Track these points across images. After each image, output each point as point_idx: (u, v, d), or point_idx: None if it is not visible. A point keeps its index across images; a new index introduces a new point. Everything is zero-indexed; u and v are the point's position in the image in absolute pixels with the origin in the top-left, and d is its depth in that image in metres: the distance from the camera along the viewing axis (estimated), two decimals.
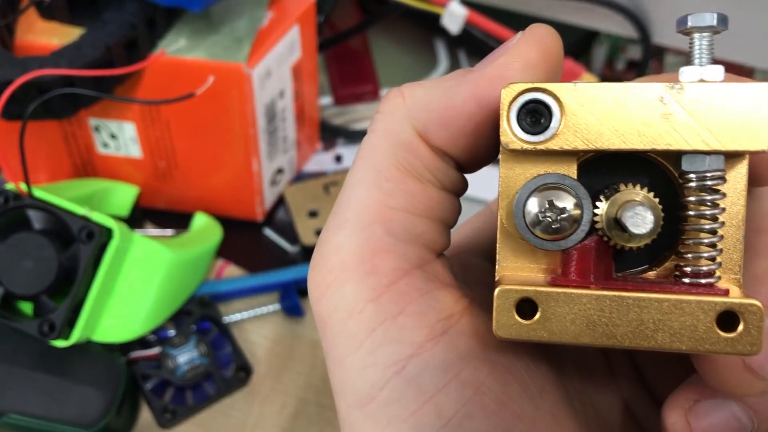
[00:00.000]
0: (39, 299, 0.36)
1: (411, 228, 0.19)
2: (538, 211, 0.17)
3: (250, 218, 0.49)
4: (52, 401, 0.36)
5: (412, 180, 0.19)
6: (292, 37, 0.44)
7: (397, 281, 0.18)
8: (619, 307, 0.16)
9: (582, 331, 0.17)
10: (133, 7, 0.40)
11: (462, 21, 0.47)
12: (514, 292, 0.17)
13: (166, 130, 0.44)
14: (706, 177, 0.17)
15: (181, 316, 0.43)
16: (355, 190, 0.19)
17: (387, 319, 0.18)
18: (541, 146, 0.17)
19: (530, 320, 0.17)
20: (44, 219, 0.36)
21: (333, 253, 0.19)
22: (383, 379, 0.18)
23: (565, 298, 0.17)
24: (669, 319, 0.16)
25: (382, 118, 0.20)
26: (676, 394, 0.19)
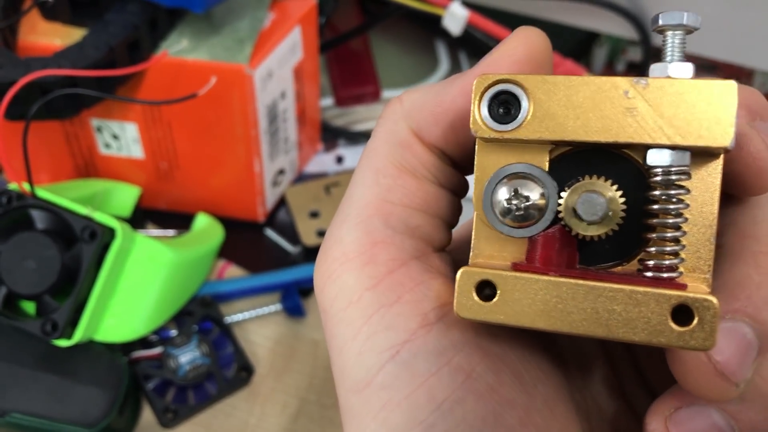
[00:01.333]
0: (42, 299, 0.36)
1: (408, 221, 0.20)
2: (505, 198, 0.18)
3: (251, 219, 0.49)
4: (54, 401, 0.36)
5: (408, 176, 0.20)
6: (294, 38, 0.45)
7: (395, 271, 0.19)
8: (575, 295, 0.17)
9: (538, 316, 0.17)
10: (135, 8, 0.40)
11: (463, 22, 0.47)
12: (475, 274, 0.17)
13: (167, 131, 0.44)
14: (670, 172, 0.17)
15: (183, 317, 0.43)
16: (356, 188, 0.21)
17: (383, 306, 0.19)
18: (508, 135, 0.18)
19: (489, 302, 0.17)
20: (47, 219, 0.36)
21: (335, 245, 0.20)
22: (378, 364, 0.19)
23: (524, 282, 0.17)
24: (624, 310, 0.16)
25: (382, 122, 0.21)
26: (658, 402, 0.19)
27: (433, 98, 0.20)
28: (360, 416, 0.19)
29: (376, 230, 0.20)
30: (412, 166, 0.20)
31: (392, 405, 0.19)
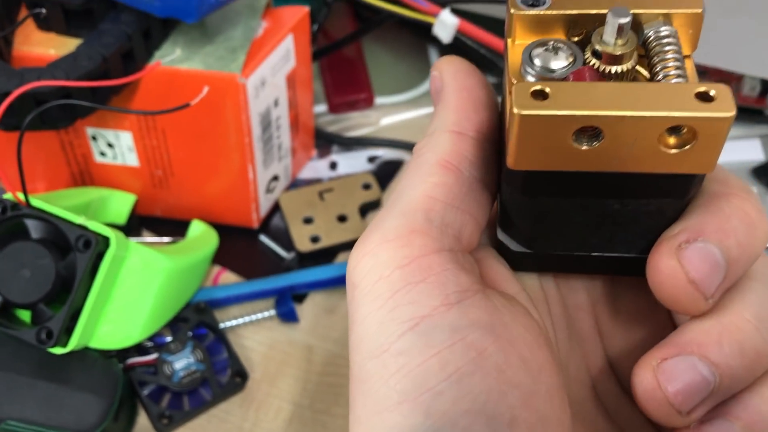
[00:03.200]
0: (37, 307, 0.36)
1: (445, 216, 0.22)
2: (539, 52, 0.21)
3: (245, 225, 0.49)
4: (50, 408, 0.37)
5: (452, 173, 0.22)
6: (287, 46, 0.45)
7: (426, 255, 0.21)
8: (610, 89, 0.19)
9: (587, 105, 0.19)
10: (129, 18, 0.40)
11: (453, 30, 0.48)
12: (528, 85, 0.19)
13: (162, 139, 0.45)
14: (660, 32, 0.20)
15: (178, 323, 0.44)
16: (406, 182, 0.23)
17: (410, 284, 0.21)
18: (540, 12, 0.21)
19: (544, 101, 0.19)
20: (42, 228, 0.37)
21: (376, 230, 0.22)
22: (398, 332, 0.20)
23: (571, 86, 0.19)
24: (656, 95, 0.19)
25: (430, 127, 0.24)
26: (645, 355, 0.21)
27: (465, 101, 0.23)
28: (373, 380, 0.21)
29: (416, 221, 0.21)
30: (457, 163, 0.22)
31: (405, 370, 0.20)
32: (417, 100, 0.57)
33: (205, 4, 0.38)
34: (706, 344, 0.20)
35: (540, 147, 0.19)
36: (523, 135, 0.19)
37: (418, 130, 0.56)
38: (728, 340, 0.20)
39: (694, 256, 0.20)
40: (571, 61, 0.20)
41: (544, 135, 0.19)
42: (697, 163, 0.19)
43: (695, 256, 0.20)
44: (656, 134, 0.19)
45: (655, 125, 0.18)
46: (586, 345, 0.26)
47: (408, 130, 0.56)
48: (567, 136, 0.19)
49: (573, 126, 0.19)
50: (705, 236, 0.20)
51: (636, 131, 0.19)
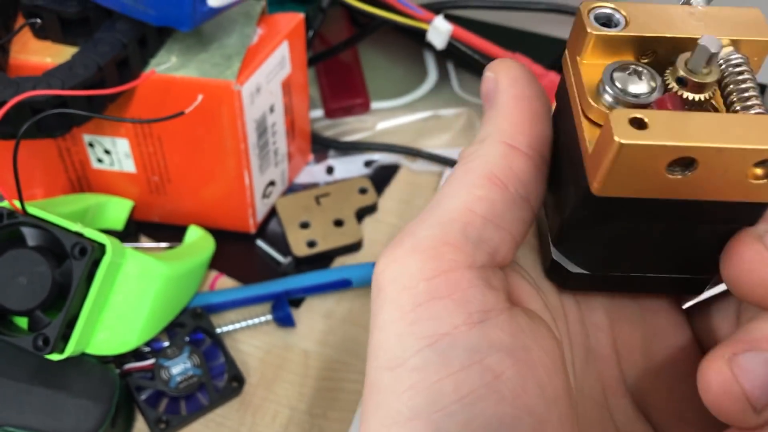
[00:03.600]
0: (33, 314, 0.37)
1: (483, 233, 0.21)
2: (620, 75, 0.21)
3: (242, 230, 0.50)
4: (47, 414, 0.37)
5: (497, 189, 0.21)
6: (282, 53, 0.45)
7: (455, 271, 0.21)
8: (705, 119, 0.19)
9: (685, 134, 0.19)
10: (124, 27, 0.41)
11: (446, 36, 0.48)
12: (625, 113, 0.19)
13: (158, 146, 0.45)
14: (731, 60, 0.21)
15: (175, 328, 0.44)
16: (446, 190, 0.22)
17: (434, 298, 0.20)
18: (613, 33, 0.21)
19: (643, 130, 0.19)
20: (38, 236, 0.37)
21: (408, 237, 0.21)
22: (415, 348, 0.20)
23: (669, 115, 0.19)
24: (750, 127, 0.19)
25: (482, 134, 0.23)
26: (713, 352, 0.20)
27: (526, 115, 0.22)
28: (386, 392, 0.20)
29: (451, 233, 0.21)
30: (505, 178, 0.22)
31: (419, 387, 0.20)
32: (413, 105, 0.58)
33: (199, 12, 0.39)
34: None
35: (631, 175, 0.19)
36: (619, 163, 0.19)
37: (414, 134, 0.56)
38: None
39: (749, 366, 0.19)
40: (653, 87, 0.20)
41: (638, 164, 0.19)
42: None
43: (751, 368, 0.19)
44: (748, 166, 0.19)
45: (750, 157, 0.19)
46: (603, 364, 0.25)
47: (404, 134, 0.56)
48: (662, 165, 0.19)
49: (671, 156, 0.19)
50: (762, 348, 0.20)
51: (729, 162, 0.19)
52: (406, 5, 0.48)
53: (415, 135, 0.56)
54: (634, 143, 0.18)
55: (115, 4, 0.39)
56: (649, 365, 0.25)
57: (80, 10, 0.40)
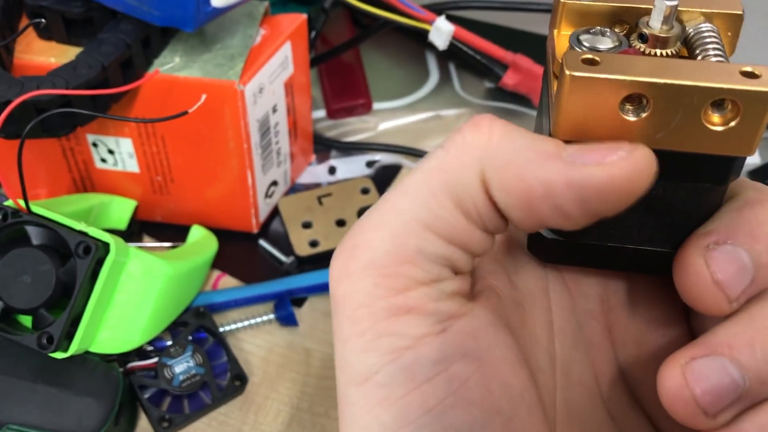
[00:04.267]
0: (38, 313, 0.37)
1: (443, 252, 0.21)
2: (586, 36, 0.21)
3: (245, 230, 0.50)
4: (51, 412, 0.37)
5: (461, 215, 0.20)
6: (285, 53, 0.46)
7: (412, 289, 0.20)
8: (659, 61, 0.20)
9: (635, 72, 0.19)
10: (128, 27, 0.41)
11: (448, 37, 0.49)
12: (579, 53, 0.19)
13: (161, 146, 0.45)
14: None
15: (178, 327, 0.44)
16: (406, 199, 0.21)
17: (393, 316, 0.20)
18: (584, 3, 0.22)
19: (594, 66, 0.19)
20: (42, 234, 0.37)
21: (365, 247, 0.21)
22: (379, 364, 0.20)
23: (620, 57, 0.19)
24: (703, 69, 0.19)
25: (460, 143, 0.21)
26: (672, 355, 0.20)
27: (521, 168, 0.19)
28: (356, 408, 0.21)
29: (408, 251, 0.20)
30: (467, 208, 0.20)
31: (387, 403, 0.20)
32: (415, 105, 0.58)
33: (203, 13, 0.39)
34: (738, 347, 0.20)
35: (587, 115, 0.19)
36: (572, 100, 0.19)
37: (415, 134, 0.56)
38: (761, 344, 0.20)
39: (721, 257, 0.20)
40: (617, 44, 0.21)
41: (592, 102, 0.19)
42: (738, 143, 0.20)
43: (722, 258, 0.20)
44: (701, 107, 0.19)
45: (701, 96, 0.19)
46: (596, 352, 0.25)
47: (406, 134, 0.56)
48: (615, 103, 0.19)
49: (621, 92, 0.19)
50: (734, 240, 0.20)
51: (682, 102, 0.19)
52: (408, 6, 0.48)
53: (416, 135, 0.56)
54: (582, 75, 0.19)
55: (119, 4, 0.40)
56: (642, 355, 0.25)
57: (84, 10, 0.41)
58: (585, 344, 0.25)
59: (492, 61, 0.52)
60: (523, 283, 0.25)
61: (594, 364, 0.25)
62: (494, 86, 0.56)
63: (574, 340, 0.25)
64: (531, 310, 0.24)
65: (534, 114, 0.56)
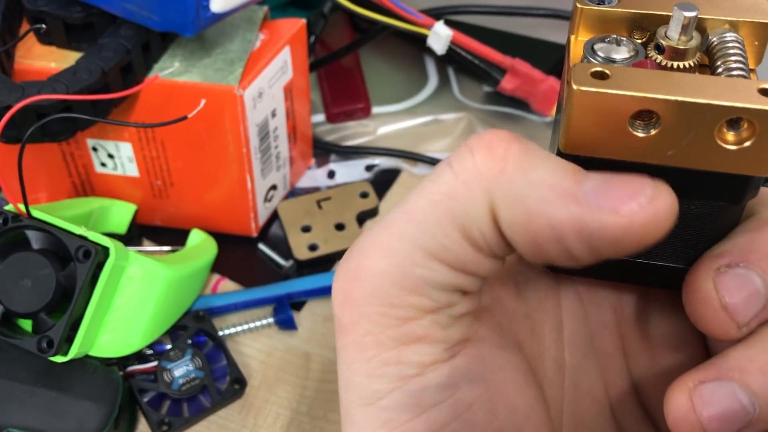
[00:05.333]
0: (38, 317, 0.37)
1: (450, 281, 0.20)
2: (602, 45, 0.20)
3: (244, 234, 0.50)
4: (51, 415, 0.37)
5: (468, 245, 0.19)
6: (284, 58, 0.46)
7: (420, 318, 0.20)
8: (675, 77, 0.19)
9: (645, 87, 0.18)
10: (128, 32, 0.41)
11: (447, 42, 0.49)
12: (589, 65, 0.19)
13: (161, 150, 0.45)
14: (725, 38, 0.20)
15: (177, 331, 0.44)
16: (411, 226, 0.19)
17: (400, 345, 0.20)
18: (602, 8, 0.21)
19: (603, 80, 0.18)
20: (42, 239, 0.38)
21: (369, 273, 0.20)
22: (385, 391, 0.20)
23: (631, 71, 0.19)
24: (717, 86, 0.18)
25: (471, 170, 0.19)
26: (681, 378, 0.20)
27: (534, 204, 0.18)
28: (358, 427, 0.21)
29: (415, 280, 0.19)
30: (475, 239, 0.19)
31: (391, 426, 0.20)
32: (414, 110, 0.58)
33: (202, 18, 0.39)
34: (750, 372, 0.19)
35: (595, 130, 0.19)
36: (580, 114, 0.18)
37: (414, 138, 0.56)
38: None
39: (731, 281, 0.19)
40: (633, 54, 0.20)
41: (600, 117, 0.18)
42: (754, 163, 0.19)
43: (733, 282, 0.19)
44: (714, 126, 0.18)
45: (714, 114, 0.18)
46: (607, 363, 0.25)
47: (405, 139, 0.56)
48: (624, 119, 0.18)
49: (631, 108, 0.18)
50: (748, 262, 0.19)
51: (694, 120, 0.18)
52: (406, 11, 0.48)
53: (415, 139, 0.56)
54: (589, 90, 0.18)
55: (119, 9, 0.40)
56: (655, 368, 0.24)
57: (85, 15, 0.41)
58: (596, 355, 0.25)
59: (490, 65, 0.52)
60: (532, 292, 0.24)
61: (605, 376, 0.25)
62: (493, 90, 0.56)
63: (585, 351, 0.25)
64: (540, 319, 0.24)
65: (532, 118, 0.56)
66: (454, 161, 0.19)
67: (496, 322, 0.22)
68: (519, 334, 0.23)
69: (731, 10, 0.20)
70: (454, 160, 0.19)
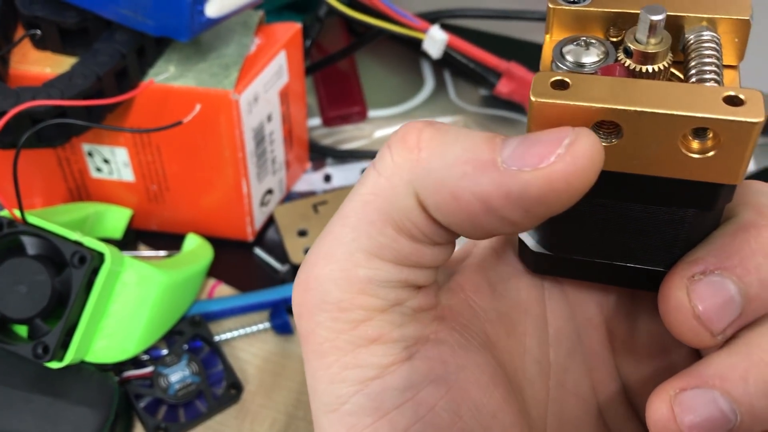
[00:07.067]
0: (33, 322, 0.37)
1: (396, 277, 0.20)
2: (571, 48, 0.20)
3: (240, 238, 0.50)
4: (46, 421, 0.37)
5: (405, 238, 0.19)
6: (279, 62, 0.46)
7: (372, 319, 0.20)
8: (634, 85, 0.18)
9: (606, 97, 0.18)
10: (123, 37, 0.41)
11: (442, 46, 0.49)
12: (549, 74, 0.18)
13: (157, 155, 0.45)
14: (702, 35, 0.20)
15: (173, 336, 0.44)
16: (347, 229, 0.20)
17: (358, 347, 0.20)
18: (574, 7, 0.20)
19: (563, 90, 0.18)
20: (38, 244, 0.38)
21: (316, 281, 0.20)
22: (347, 395, 0.20)
23: (593, 79, 0.18)
24: (683, 92, 0.18)
25: (390, 165, 0.19)
26: (662, 384, 0.20)
27: (455, 181, 0.18)
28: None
29: (360, 281, 0.20)
30: (409, 231, 0.19)
31: (356, 430, 0.20)
32: (410, 113, 0.58)
33: (197, 22, 0.39)
34: (731, 379, 0.19)
35: None
36: (539, 125, 0.18)
37: None
38: (755, 377, 0.19)
39: (705, 290, 0.19)
40: (602, 58, 0.20)
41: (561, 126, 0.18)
42: (722, 171, 0.18)
43: (706, 291, 0.19)
44: (678, 135, 0.18)
45: (675, 125, 0.17)
46: (594, 361, 0.25)
47: None
48: None
49: (591, 118, 0.18)
50: (723, 270, 0.19)
51: (656, 130, 0.18)
52: (402, 15, 0.48)
53: None
54: (545, 101, 0.18)
55: (114, 14, 0.40)
56: (642, 365, 0.24)
57: (79, 20, 0.41)
58: (582, 353, 0.25)
59: (486, 69, 0.52)
60: (513, 291, 0.24)
61: (591, 374, 0.25)
62: (489, 94, 0.56)
63: (570, 349, 0.25)
64: (521, 319, 0.24)
65: None
66: (377, 161, 0.19)
67: (461, 322, 0.22)
68: (491, 334, 0.23)
69: (710, 6, 0.20)
70: (377, 160, 0.19)
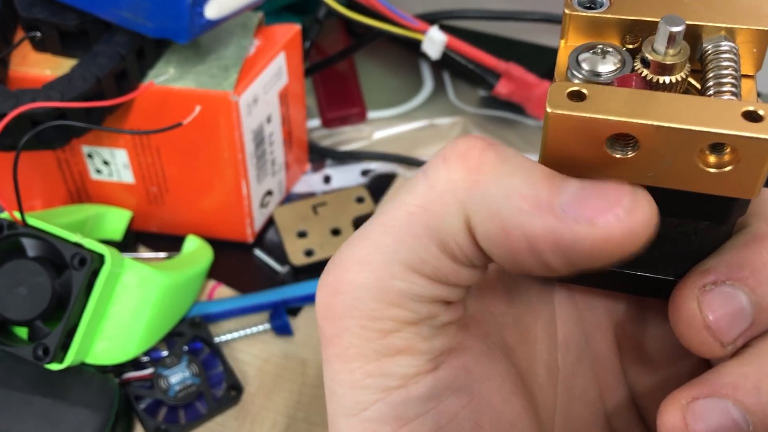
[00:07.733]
0: (33, 324, 0.37)
1: (431, 293, 0.19)
2: (587, 56, 0.20)
3: (240, 240, 0.50)
4: (47, 423, 0.37)
5: (445, 258, 0.19)
6: (279, 64, 0.46)
7: (402, 330, 0.20)
8: (652, 97, 0.18)
9: (623, 110, 0.18)
10: (122, 39, 0.41)
11: (441, 47, 0.49)
12: (566, 85, 0.18)
13: (156, 156, 0.45)
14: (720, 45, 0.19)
15: (173, 337, 0.44)
16: (389, 239, 0.19)
17: (384, 356, 0.20)
18: (591, 14, 0.20)
19: (579, 102, 0.18)
20: (38, 246, 0.38)
21: (349, 287, 0.19)
22: (368, 402, 0.20)
23: (611, 91, 0.18)
24: (700, 107, 0.18)
25: (444, 180, 0.19)
26: (675, 392, 0.19)
27: (508, 215, 0.18)
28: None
29: (395, 294, 0.19)
30: (452, 251, 0.19)
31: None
32: (409, 114, 0.58)
33: (197, 24, 0.39)
34: (743, 389, 0.19)
35: (572, 151, 0.18)
36: (555, 136, 0.18)
37: (410, 143, 0.56)
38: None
39: (716, 300, 0.19)
40: (618, 67, 0.19)
41: (577, 139, 0.18)
42: (738, 185, 0.18)
43: (717, 301, 0.19)
44: (695, 150, 0.17)
45: (693, 140, 0.17)
46: (602, 366, 0.25)
47: (401, 143, 0.56)
48: (601, 141, 0.18)
49: (607, 131, 0.18)
50: (734, 280, 0.19)
51: (673, 144, 0.17)
52: (401, 16, 0.48)
53: (411, 144, 0.56)
54: (562, 113, 0.18)
55: (113, 16, 0.40)
56: (650, 372, 0.24)
57: (79, 22, 0.41)
58: (591, 358, 0.25)
59: (485, 70, 0.52)
60: (524, 295, 0.24)
61: (599, 379, 0.25)
62: (488, 95, 0.56)
63: (579, 354, 0.24)
64: (532, 323, 0.24)
65: (527, 122, 0.56)
66: (429, 171, 0.19)
67: (483, 330, 0.22)
68: (509, 340, 0.23)
69: (730, 15, 0.19)
70: (430, 170, 0.19)
